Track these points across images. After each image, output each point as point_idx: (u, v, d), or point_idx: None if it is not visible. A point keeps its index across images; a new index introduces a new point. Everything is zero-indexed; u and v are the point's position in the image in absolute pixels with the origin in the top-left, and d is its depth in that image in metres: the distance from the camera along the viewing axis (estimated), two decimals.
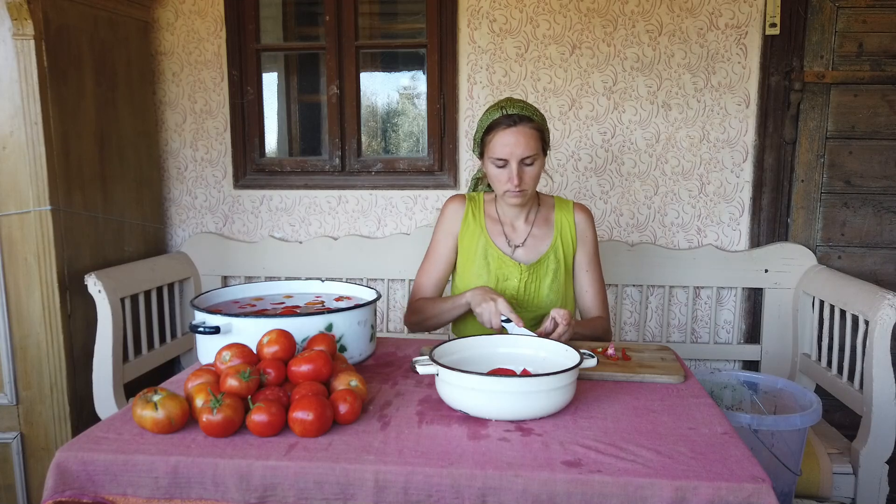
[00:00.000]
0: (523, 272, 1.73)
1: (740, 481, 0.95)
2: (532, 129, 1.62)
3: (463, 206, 1.79)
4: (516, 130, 1.60)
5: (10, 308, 1.98)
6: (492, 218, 1.79)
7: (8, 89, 1.90)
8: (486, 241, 1.75)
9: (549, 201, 1.82)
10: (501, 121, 1.62)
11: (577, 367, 1.19)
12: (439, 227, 1.81)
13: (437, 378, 1.22)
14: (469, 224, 1.77)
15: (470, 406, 1.17)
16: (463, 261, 1.78)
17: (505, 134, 1.61)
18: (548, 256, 1.74)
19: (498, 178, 1.65)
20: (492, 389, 1.14)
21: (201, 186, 2.67)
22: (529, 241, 1.76)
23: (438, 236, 1.81)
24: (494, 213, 1.79)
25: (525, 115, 1.62)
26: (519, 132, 1.60)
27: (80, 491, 1.04)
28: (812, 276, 2.30)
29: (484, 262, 1.74)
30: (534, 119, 1.63)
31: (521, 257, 1.75)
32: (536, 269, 1.73)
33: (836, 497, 1.86)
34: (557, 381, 1.15)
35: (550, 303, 1.73)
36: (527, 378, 1.14)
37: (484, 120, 1.68)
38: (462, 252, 1.78)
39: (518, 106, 1.64)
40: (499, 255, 1.74)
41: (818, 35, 2.33)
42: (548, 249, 1.75)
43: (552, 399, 1.16)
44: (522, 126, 1.61)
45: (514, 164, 1.61)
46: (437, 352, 1.27)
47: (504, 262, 1.73)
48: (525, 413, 1.16)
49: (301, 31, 3.13)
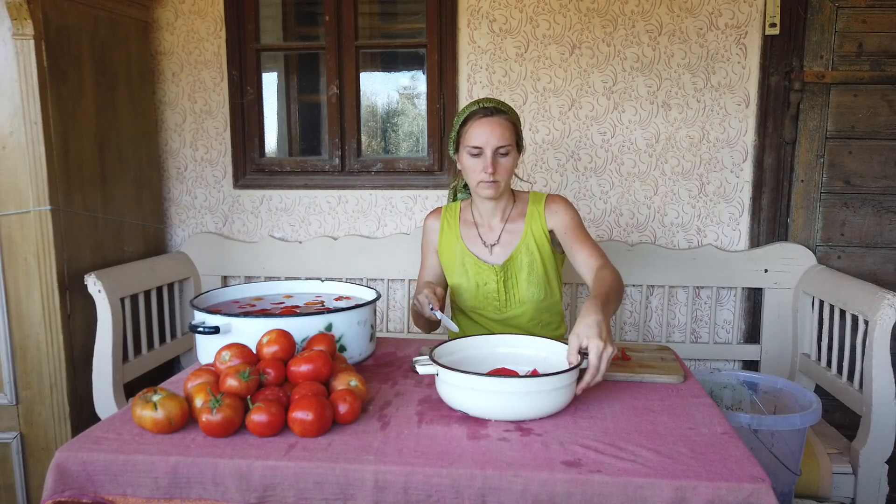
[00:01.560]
0: (498, 273, 1.76)
1: (740, 481, 0.95)
2: (507, 121, 1.68)
3: (438, 220, 1.86)
4: (492, 120, 1.66)
5: (10, 308, 1.98)
6: (468, 222, 1.83)
7: (8, 89, 1.90)
8: (463, 250, 1.79)
9: (524, 197, 1.82)
10: (478, 112, 1.68)
11: (577, 368, 1.19)
12: (422, 244, 1.90)
13: (437, 378, 1.22)
14: (445, 236, 1.84)
15: (470, 406, 1.17)
16: (447, 272, 1.85)
17: (481, 123, 1.66)
18: (519, 251, 1.75)
19: (473, 168, 1.69)
20: (492, 390, 1.14)
21: (201, 186, 2.67)
22: (504, 237, 1.78)
23: (423, 252, 1.90)
24: (470, 216, 1.83)
25: (500, 109, 1.69)
26: (494, 122, 1.66)
27: (79, 491, 1.04)
28: (812, 276, 2.30)
29: (463, 270, 1.79)
30: (508, 113, 1.70)
31: (498, 256, 1.78)
32: (510, 267, 1.76)
33: (836, 497, 1.86)
34: (558, 381, 1.15)
35: (532, 296, 1.75)
36: (527, 378, 1.14)
37: (460, 115, 1.74)
38: (444, 264, 1.85)
39: (494, 101, 1.71)
40: (475, 261, 1.78)
41: (818, 35, 2.33)
42: (519, 244, 1.76)
43: (553, 399, 1.16)
44: (498, 117, 1.67)
45: (489, 153, 1.65)
46: (437, 352, 1.28)
47: (480, 268, 1.77)
48: (525, 413, 1.16)
49: (301, 31, 3.13)
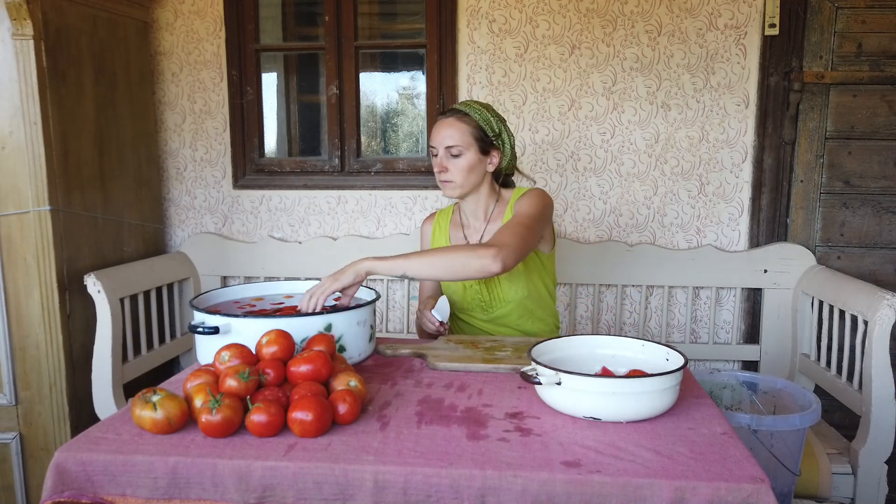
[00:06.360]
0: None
1: (739, 481, 0.95)
2: (462, 122, 1.68)
3: (431, 225, 1.90)
4: (445, 121, 1.70)
5: (10, 308, 1.98)
6: (456, 224, 1.86)
7: (7, 89, 1.90)
8: None
9: (508, 195, 1.81)
10: (440, 114, 1.75)
11: (686, 364, 1.20)
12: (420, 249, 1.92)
13: (541, 386, 1.18)
14: (437, 240, 1.87)
15: (601, 411, 1.14)
16: None
17: (436, 124, 1.72)
18: None
19: (434, 167, 1.73)
20: (629, 391, 1.13)
21: (201, 186, 2.67)
22: (486, 237, 1.78)
23: None
24: (458, 218, 1.85)
25: (458, 110, 1.71)
26: (447, 123, 1.69)
27: (78, 491, 1.04)
28: (811, 277, 2.30)
29: None
30: (468, 114, 1.69)
31: None
32: None
33: (836, 497, 1.86)
34: (675, 377, 1.16)
35: (515, 293, 1.76)
36: (660, 376, 1.13)
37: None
38: None
39: (465, 104, 1.73)
40: None
41: (817, 35, 2.33)
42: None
43: (670, 396, 1.17)
44: (452, 118, 1.69)
45: (441, 152, 1.68)
46: (541, 359, 1.24)
47: None
48: (656, 410, 1.16)
49: (300, 31, 3.13)
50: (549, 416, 1.18)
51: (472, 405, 1.24)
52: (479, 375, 1.40)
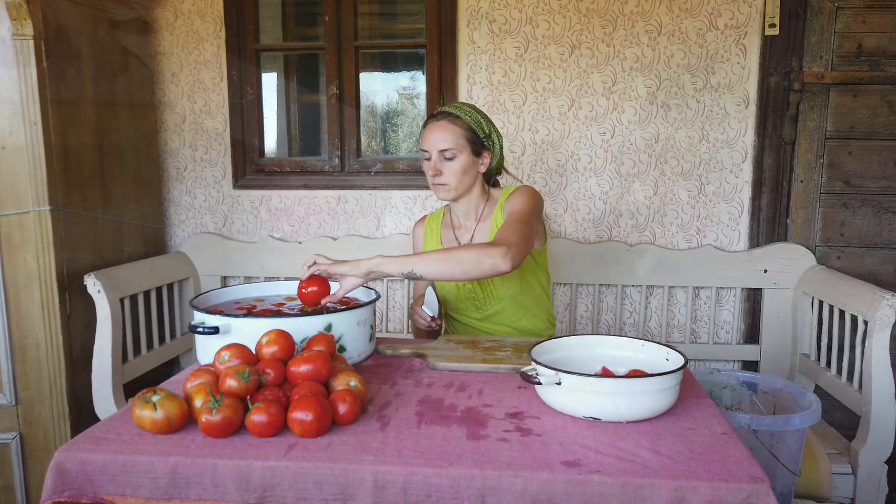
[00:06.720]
0: None
1: (739, 481, 0.95)
2: (454, 124, 1.68)
3: (423, 228, 1.91)
4: (437, 124, 1.69)
5: (10, 308, 1.98)
6: (447, 225, 1.86)
7: (7, 89, 1.90)
8: None
9: (497, 194, 1.80)
10: (429, 117, 1.73)
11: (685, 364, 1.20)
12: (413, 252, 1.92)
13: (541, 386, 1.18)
14: (428, 242, 1.88)
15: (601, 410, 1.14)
16: None
17: (428, 128, 1.70)
18: None
19: (426, 171, 1.72)
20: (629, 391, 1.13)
21: (201, 187, 2.67)
22: (477, 237, 1.79)
23: None
24: (449, 220, 1.86)
25: (450, 112, 1.70)
26: (439, 126, 1.68)
27: (78, 491, 1.04)
28: (811, 277, 2.30)
29: None
30: (459, 117, 1.69)
31: None
32: None
33: (836, 497, 1.86)
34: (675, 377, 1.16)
35: (508, 290, 1.76)
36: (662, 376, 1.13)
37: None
38: None
39: (454, 106, 1.72)
40: None
41: (817, 35, 2.33)
42: (486, 239, 1.75)
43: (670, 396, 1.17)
44: (444, 121, 1.68)
45: (435, 155, 1.68)
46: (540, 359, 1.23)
47: None
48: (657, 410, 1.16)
49: (300, 31, 3.13)
50: (549, 416, 1.18)
51: (472, 405, 1.24)
52: (479, 375, 1.40)
